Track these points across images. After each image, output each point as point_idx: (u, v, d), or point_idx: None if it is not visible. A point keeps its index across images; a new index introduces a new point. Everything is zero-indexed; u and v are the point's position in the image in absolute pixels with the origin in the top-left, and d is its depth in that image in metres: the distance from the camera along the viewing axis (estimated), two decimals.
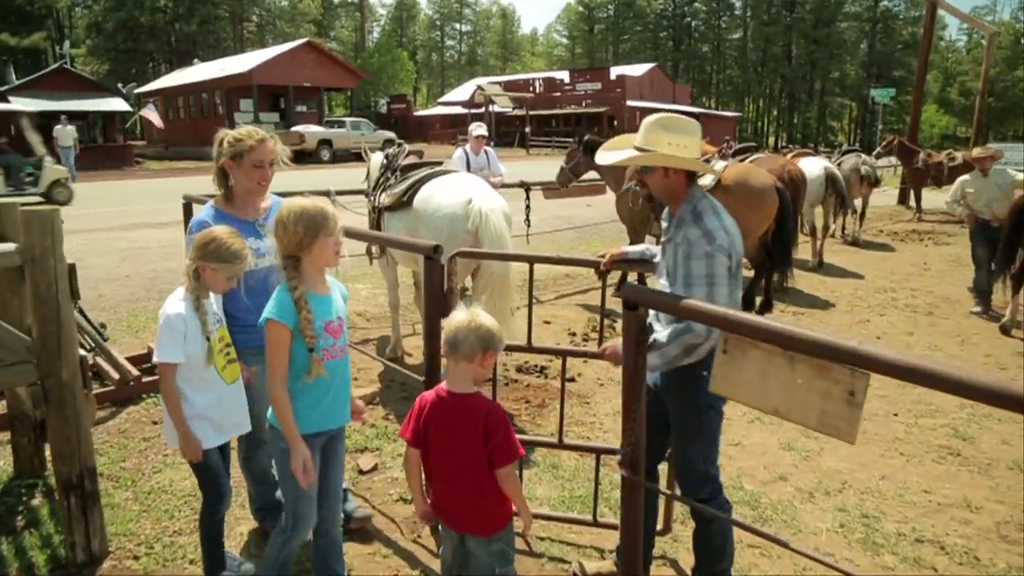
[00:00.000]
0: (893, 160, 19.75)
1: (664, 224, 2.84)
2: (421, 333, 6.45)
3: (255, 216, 3.08)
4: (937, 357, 6.45)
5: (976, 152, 7.96)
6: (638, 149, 2.71)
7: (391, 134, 35.88)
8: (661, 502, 3.25)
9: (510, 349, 4.23)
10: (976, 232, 8.12)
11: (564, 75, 58.79)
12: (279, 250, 2.47)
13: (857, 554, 3.49)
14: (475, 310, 2.34)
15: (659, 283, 2.79)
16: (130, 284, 8.35)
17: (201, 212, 3.08)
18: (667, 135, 2.64)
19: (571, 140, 9.73)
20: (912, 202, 17.86)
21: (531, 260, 3.41)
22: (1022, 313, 7.25)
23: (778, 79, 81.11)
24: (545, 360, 6.11)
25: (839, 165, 12.27)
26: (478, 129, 8.20)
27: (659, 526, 3.29)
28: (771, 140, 77.44)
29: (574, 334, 6.99)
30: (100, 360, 4.98)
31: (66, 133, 23.09)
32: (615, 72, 55.28)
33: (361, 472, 4.04)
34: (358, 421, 2.91)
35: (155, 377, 5.09)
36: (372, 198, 5.76)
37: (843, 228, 13.70)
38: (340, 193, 6.57)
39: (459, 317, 2.32)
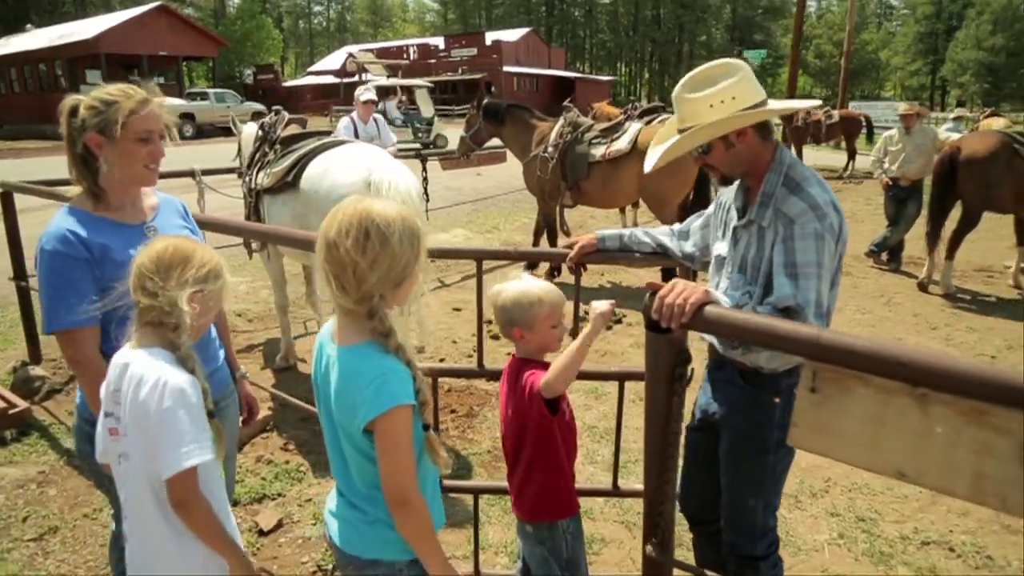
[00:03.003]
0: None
1: (736, 203, 2.10)
2: (315, 333, 5.53)
3: (141, 218, 2.09)
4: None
5: (903, 109, 7.75)
6: (681, 132, 1.99)
7: (259, 106, 33.62)
8: None
9: (450, 374, 3.45)
10: (886, 190, 7.99)
11: (439, 41, 57.26)
12: (358, 286, 1.52)
13: (867, 569, 3.03)
14: (498, 287, 2.02)
15: (715, 281, 2.12)
16: None
17: (58, 222, 1.97)
18: (705, 95, 1.90)
19: (454, 108, 8.90)
20: None
21: (479, 257, 2.60)
22: (938, 270, 7.15)
23: (649, 43, 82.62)
24: (464, 356, 5.36)
25: None
26: (366, 93, 7.20)
27: None
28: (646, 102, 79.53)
29: (489, 321, 6.22)
30: None
31: None
32: (491, 37, 54.28)
33: (262, 533, 3.13)
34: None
35: None
36: (247, 178, 4.74)
37: None
38: (207, 172, 5.49)
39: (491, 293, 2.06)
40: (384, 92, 22.67)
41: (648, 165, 2.09)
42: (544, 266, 7.76)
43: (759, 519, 2.11)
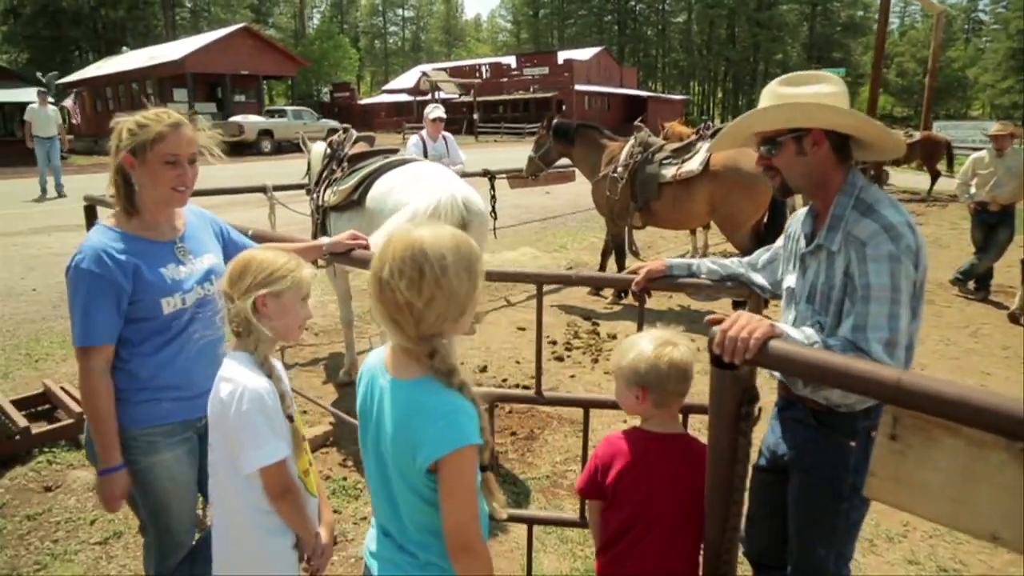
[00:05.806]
0: None
1: (804, 230, 1.99)
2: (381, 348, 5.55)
3: (172, 236, 2.18)
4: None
5: (995, 129, 7.31)
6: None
7: (335, 123, 34.52)
8: None
9: (507, 400, 3.38)
10: (974, 215, 7.54)
11: (511, 60, 57.88)
12: (416, 326, 1.44)
13: None
14: (668, 340, 1.81)
15: (788, 316, 2.00)
16: (35, 300, 7.13)
17: (92, 241, 2.04)
18: (797, 92, 1.83)
19: (526, 126, 8.87)
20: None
21: (539, 280, 2.53)
22: None
23: (723, 62, 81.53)
24: (527, 376, 5.27)
25: None
26: (435, 111, 7.25)
27: None
28: (717, 122, 78.65)
29: (554, 343, 6.16)
30: None
31: (46, 117, 15.31)
32: (562, 56, 54.56)
33: None
34: None
35: (54, 425, 4.11)
36: (315, 195, 4.82)
37: None
38: (278, 188, 5.62)
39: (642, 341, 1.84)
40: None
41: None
42: (610, 290, 7.65)
43: (829, 570, 1.96)
